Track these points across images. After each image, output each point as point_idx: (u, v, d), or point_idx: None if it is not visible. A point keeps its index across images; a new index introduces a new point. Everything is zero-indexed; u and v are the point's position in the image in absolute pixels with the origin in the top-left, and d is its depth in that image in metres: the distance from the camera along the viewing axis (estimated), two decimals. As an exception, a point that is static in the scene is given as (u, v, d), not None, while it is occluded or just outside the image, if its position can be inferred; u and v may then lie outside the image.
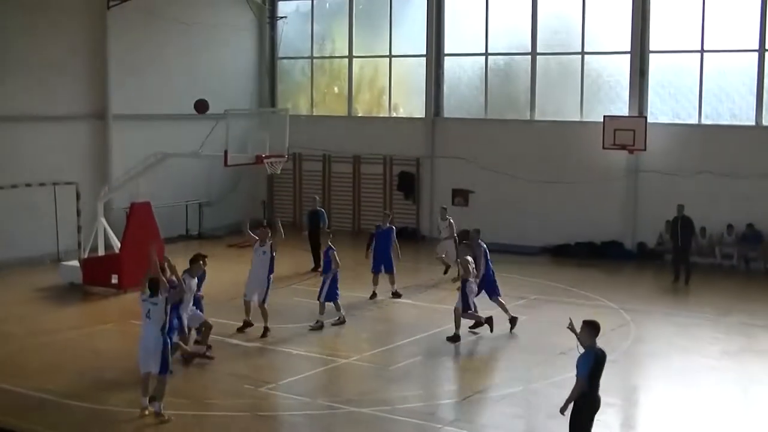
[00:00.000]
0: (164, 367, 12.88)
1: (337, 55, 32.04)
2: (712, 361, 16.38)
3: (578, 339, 10.50)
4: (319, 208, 24.46)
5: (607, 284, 23.09)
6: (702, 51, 25.59)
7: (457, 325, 17.38)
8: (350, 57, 31.28)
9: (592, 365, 10.25)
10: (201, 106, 22.02)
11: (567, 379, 15.18)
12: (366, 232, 29.00)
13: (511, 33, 28.53)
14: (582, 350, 10.40)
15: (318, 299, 18.30)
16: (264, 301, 17.63)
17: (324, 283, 18.30)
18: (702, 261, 24.24)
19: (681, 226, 22.89)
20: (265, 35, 32.21)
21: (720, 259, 24.93)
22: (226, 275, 22.71)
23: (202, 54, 29.91)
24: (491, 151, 28.33)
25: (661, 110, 26.42)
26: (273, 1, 32.26)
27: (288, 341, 17.48)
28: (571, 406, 10.44)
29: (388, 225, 21.54)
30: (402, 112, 31.01)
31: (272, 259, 17.82)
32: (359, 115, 31.69)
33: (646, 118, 25.83)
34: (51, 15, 25.34)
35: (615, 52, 26.80)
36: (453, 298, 21.10)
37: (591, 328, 10.43)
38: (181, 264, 15.69)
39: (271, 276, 17.88)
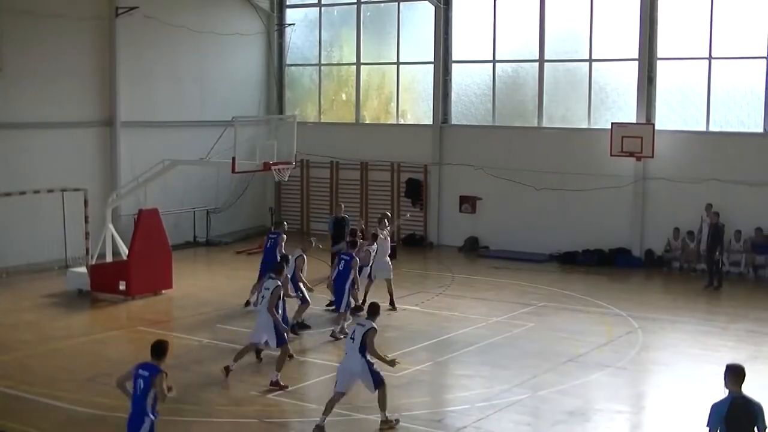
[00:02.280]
0: (377, 383, 12.91)
1: (344, 62, 32.09)
2: (719, 369, 16.23)
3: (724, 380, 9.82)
4: (344, 215, 24.31)
5: (615, 291, 23.05)
6: (710, 58, 25.57)
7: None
8: (358, 64, 31.33)
9: (723, 414, 9.43)
10: None
11: (574, 387, 15.28)
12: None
13: (518, 40, 28.53)
14: (726, 392, 9.68)
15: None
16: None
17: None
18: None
19: (711, 234, 23.25)
20: (273, 42, 32.28)
21: (728, 267, 24.87)
22: (236, 282, 22.80)
23: (210, 61, 30.02)
24: (499, 158, 28.34)
25: (668, 117, 26.38)
26: (281, 8, 32.34)
27: (296, 348, 17.49)
28: None
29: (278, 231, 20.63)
30: (409, 119, 31.01)
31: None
32: (367, 122, 31.71)
33: (653, 125, 25.82)
34: (60, 22, 25.41)
35: (622, 59, 26.77)
36: (462, 306, 21.23)
37: (731, 373, 9.69)
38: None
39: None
